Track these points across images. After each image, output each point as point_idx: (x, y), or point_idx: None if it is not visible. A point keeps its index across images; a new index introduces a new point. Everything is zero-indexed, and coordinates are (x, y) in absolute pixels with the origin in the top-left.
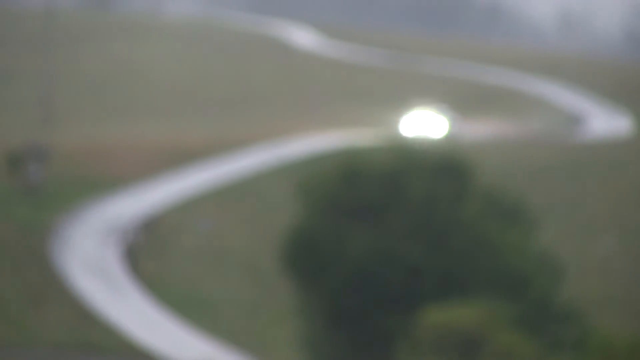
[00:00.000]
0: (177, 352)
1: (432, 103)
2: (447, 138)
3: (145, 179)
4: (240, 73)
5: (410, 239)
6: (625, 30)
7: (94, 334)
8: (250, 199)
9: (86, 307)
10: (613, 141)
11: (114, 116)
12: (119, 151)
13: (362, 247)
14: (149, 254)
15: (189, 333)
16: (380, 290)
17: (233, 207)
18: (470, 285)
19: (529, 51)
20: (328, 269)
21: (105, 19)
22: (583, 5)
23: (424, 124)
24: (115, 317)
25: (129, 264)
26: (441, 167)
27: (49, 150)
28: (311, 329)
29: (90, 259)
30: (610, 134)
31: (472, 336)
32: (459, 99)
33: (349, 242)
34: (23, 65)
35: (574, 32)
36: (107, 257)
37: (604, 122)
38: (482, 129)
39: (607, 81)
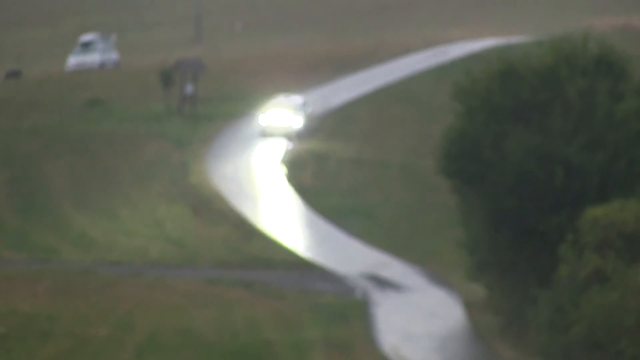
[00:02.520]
0: (342, 263)
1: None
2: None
3: (300, 88)
4: None
5: (569, 137)
6: None
7: (255, 249)
8: (407, 103)
9: (246, 222)
10: None
11: (265, 29)
12: (272, 63)
13: (521, 148)
14: (305, 164)
15: (350, 243)
16: (540, 190)
17: (389, 110)
18: (631, 183)
19: None
20: (487, 171)
21: None
22: None
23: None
24: (275, 230)
25: (285, 175)
26: (599, 63)
27: (202, 66)
28: (472, 233)
29: (246, 173)
30: None
31: (635, 233)
32: None
33: (508, 143)
34: None
35: None
36: (262, 169)
37: None
38: None
39: None
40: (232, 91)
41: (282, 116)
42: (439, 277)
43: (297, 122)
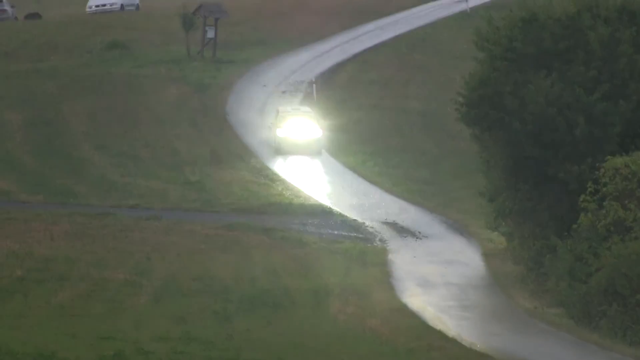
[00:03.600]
0: (362, 210)
1: None
2: None
3: (320, 38)
4: None
5: (591, 86)
6: None
7: (274, 194)
8: (428, 50)
9: (266, 167)
10: None
11: None
12: (292, 9)
13: (542, 96)
14: (325, 112)
15: (370, 190)
16: (561, 139)
17: (410, 57)
18: None
19: None
20: (508, 118)
21: None
22: None
23: None
24: (294, 176)
25: None
26: (622, 12)
27: (223, 11)
28: (492, 181)
29: (267, 119)
30: None
31: None
32: None
33: (529, 91)
34: None
35: None
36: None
37: None
38: None
39: None
40: (253, 36)
41: (302, 127)
42: (458, 225)
43: (318, 132)
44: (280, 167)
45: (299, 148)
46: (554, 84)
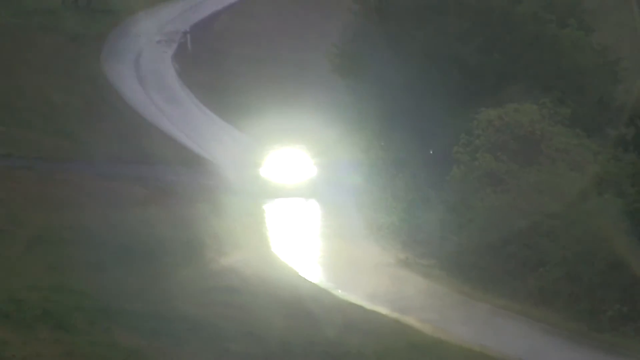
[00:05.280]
0: (235, 159)
1: None
2: None
3: None
4: None
5: (465, 39)
6: None
7: (149, 144)
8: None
9: (140, 117)
10: None
11: None
12: None
13: (417, 48)
14: (200, 63)
15: (243, 140)
16: (436, 91)
17: (287, 8)
18: (527, 85)
19: None
20: (383, 70)
21: None
22: None
23: None
24: (168, 126)
25: (179, 73)
26: None
27: None
28: (366, 134)
29: (140, 70)
30: None
31: (528, 136)
32: None
33: (403, 42)
34: None
35: None
36: (158, 69)
37: None
38: None
39: None
40: None
41: (292, 165)
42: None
43: (312, 171)
44: (155, 117)
45: (288, 192)
46: (428, 36)
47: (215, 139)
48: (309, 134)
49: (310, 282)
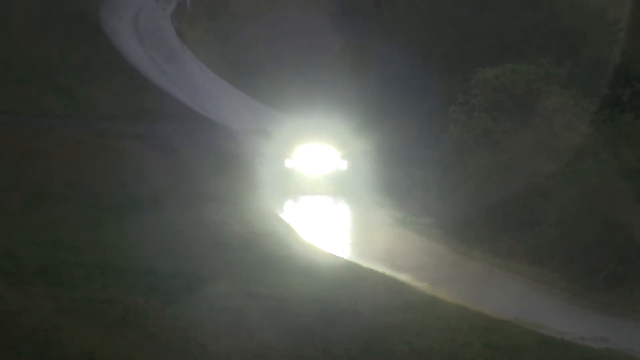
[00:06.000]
0: (234, 118)
1: None
2: None
3: None
4: None
5: (463, 1)
6: None
7: (146, 101)
8: None
9: (138, 74)
10: None
11: None
12: None
13: (412, 10)
14: (197, 19)
15: (243, 98)
16: (432, 51)
17: None
18: (524, 46)
19: None
20: (378, 31)
21: None
22: None
23: None
24: (167, 84)
25: (178, 31)
26: None
27: None
28: (363, 93)
29: (140, 27)
30: None
31: (524, 96)
32: None
33: (397, 5)
34: None
35: None
36: (157, 26)
37: None
38: None
39: None
40: None
41: (321, 156)
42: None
43: (343, 165)
44: (154, 74)
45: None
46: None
47: (214, 98)
48: (310, 101)
49: (304, 239)
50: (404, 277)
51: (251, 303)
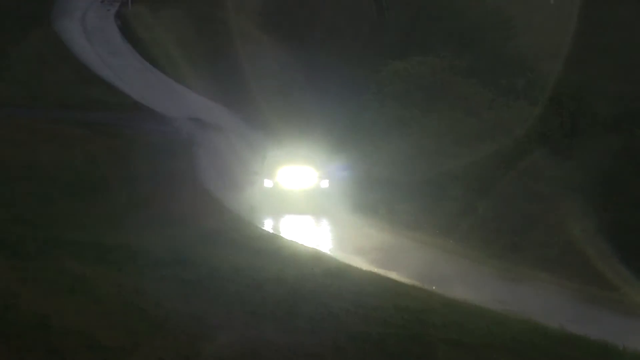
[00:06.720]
0: (171, 107)
1: None
2: None
3: None
4: None
5: (373, 3)
6: None
7: (93, 92)
8: None
9: (86, 68)
10: None
11: None
12: None
13: (328, 8)
14: (141, 16)
15: (180, 90)
16: (348, 45)
17: None
18: (429, 41)
19: None
20: (300, 27)
21: None
22: None
23: None
24: (113, 76)
25: (121, 28)
26: None
27: None
28: (286, 80)
29: (87, 25)
30: None
31: (430, 86)
32: None
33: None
34: None
35: None
36: (103, 25)
37: None
38: None
39: None
40: None
41: (301, 177)
42: (256, 122)
43: (324, 184)
44: (98, 67)
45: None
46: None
47: (152, 88)
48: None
49: (239, 215)
50: (323, 247)
51: (187, 272)
